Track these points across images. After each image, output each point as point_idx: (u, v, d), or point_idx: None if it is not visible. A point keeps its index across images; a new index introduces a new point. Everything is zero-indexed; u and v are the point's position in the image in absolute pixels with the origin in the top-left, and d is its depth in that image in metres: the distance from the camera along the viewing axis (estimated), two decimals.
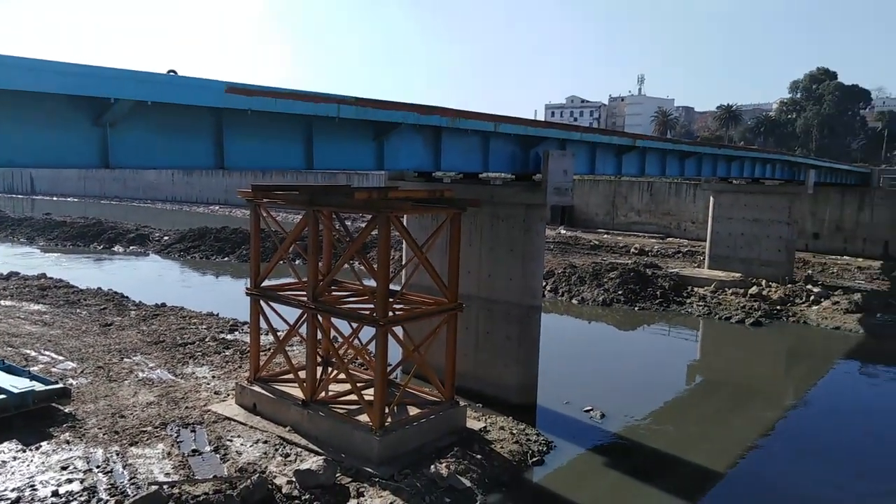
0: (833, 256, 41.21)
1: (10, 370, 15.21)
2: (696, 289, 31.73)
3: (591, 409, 16.55)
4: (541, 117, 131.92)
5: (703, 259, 36.59)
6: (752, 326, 26.45)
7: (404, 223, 15.42)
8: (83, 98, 8.17)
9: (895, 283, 34.52)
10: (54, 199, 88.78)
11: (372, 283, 13.75)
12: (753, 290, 30.80)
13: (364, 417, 12.93)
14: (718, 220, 35.27)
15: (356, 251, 13.79)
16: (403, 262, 19.61)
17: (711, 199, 35.85)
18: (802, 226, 40.88)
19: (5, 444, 12.71)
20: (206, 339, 20.49)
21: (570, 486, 12.98)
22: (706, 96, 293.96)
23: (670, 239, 48.61)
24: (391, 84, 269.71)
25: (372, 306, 13.52)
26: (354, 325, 14.36)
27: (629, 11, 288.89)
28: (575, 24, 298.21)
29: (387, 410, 12.85)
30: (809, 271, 36.22)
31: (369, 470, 11.92)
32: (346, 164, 12.54)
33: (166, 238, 45.76)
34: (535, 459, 13.60)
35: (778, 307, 28.76)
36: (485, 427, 14.45)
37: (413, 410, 13.74)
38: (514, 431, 14.45)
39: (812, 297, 29.89)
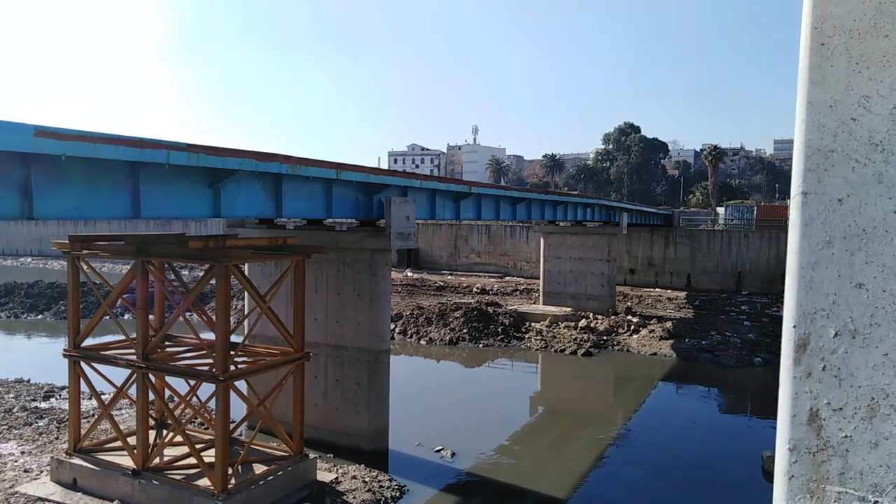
0: (647, 289, 45.90)
1: None
2: (533, 324, 33.68)
3: (442, 449, 16.81)
4: (384, 164, 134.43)
5: (539, 295, 39.03)
6: (584, 356, 28.55)
7: (245, 272, 14.89)
8: None
9: (698, 311, 39.17)
10: None
11: (211, 335, 13.05)
12: (583, 322, 33.34)
13: (205, 481, 12.08)
14: (549, 260, 37.98)
15: (192, 303, 13.05)
16: (246, 312, 18.81)
17: (542, 240, 38.58)
18: (621, 262, 45.17)
19: None
20: (14, 410, 18.02)
21: None
22: (534, 146, 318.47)
23: (508, 278, 51.29)
24: (227, 128, 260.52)
25: (211, 361, 12.81)
26: (193, 382, 13.48)
27: (462, 63, 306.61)
28: (414, 75, 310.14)
29: (230, 471, 12.12)
30: (629, 303, 39.96)
31: None
32: (179, 212, 11.94)
33: None
34: None
35: (604, 337, 31.35)
36: (336, 478, 14.10)
37: (260, 468, 13.08)
38: (367, 479, 14.26)
39: (632, 327, 32.98)
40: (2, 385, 20.70)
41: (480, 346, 30.11)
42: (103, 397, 13.86)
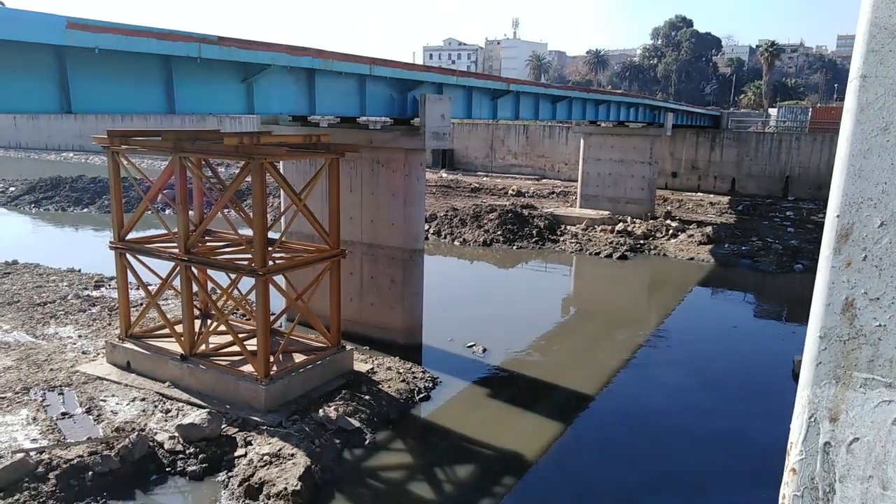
0: (689, 193, 44.83)
1: None
2: (569, 227, 33.50)
3: (474, 345, 17.32)
4: (419, 60, 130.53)
5: (576, 198, 38.55)
6: (619, 260, 28.49)
7: (280, 169, 14.96)
8: None
9: (740, 216, 38.31)
10: None
11: (249, 231, 13.35)
12: (620, 226, 33.01)
13: (248, 368, 12.77)
14: (588, 162, 37.14)
15: (230, 199, 13.27)
16: (282, 209, 19.11)
17: (582, 141, 37.57)
18: (662, 165, 43.91)
19: None
20: (69, 297, 19.08)
21: (456, 418, 13.67)
22: (578, 41, 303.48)
23: (545, 180, 50.59)
24: (257, 23, 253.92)
25: (250, 256, 13.17)
26: (233, 275, 13.96)
27: None
28: None
29: (272, 359, 12.76)
30: (669, 207, 39.25)
31: (256, 419, 11.88)
32: (213, 107, 11.90)
33: (13, 189, 41.39)
34: (421, 395, 14.13)
35: (641, 241, 31.09)
36: (372, 369, 14.75)
37: (299, 357, 13.73)
38: (401, 371, 14.87)
39: (671, 231, 32.55)
40: (55, 274, 21.82)
41: (514, 247, 30.24)
42: (150, 287, 14.49)
